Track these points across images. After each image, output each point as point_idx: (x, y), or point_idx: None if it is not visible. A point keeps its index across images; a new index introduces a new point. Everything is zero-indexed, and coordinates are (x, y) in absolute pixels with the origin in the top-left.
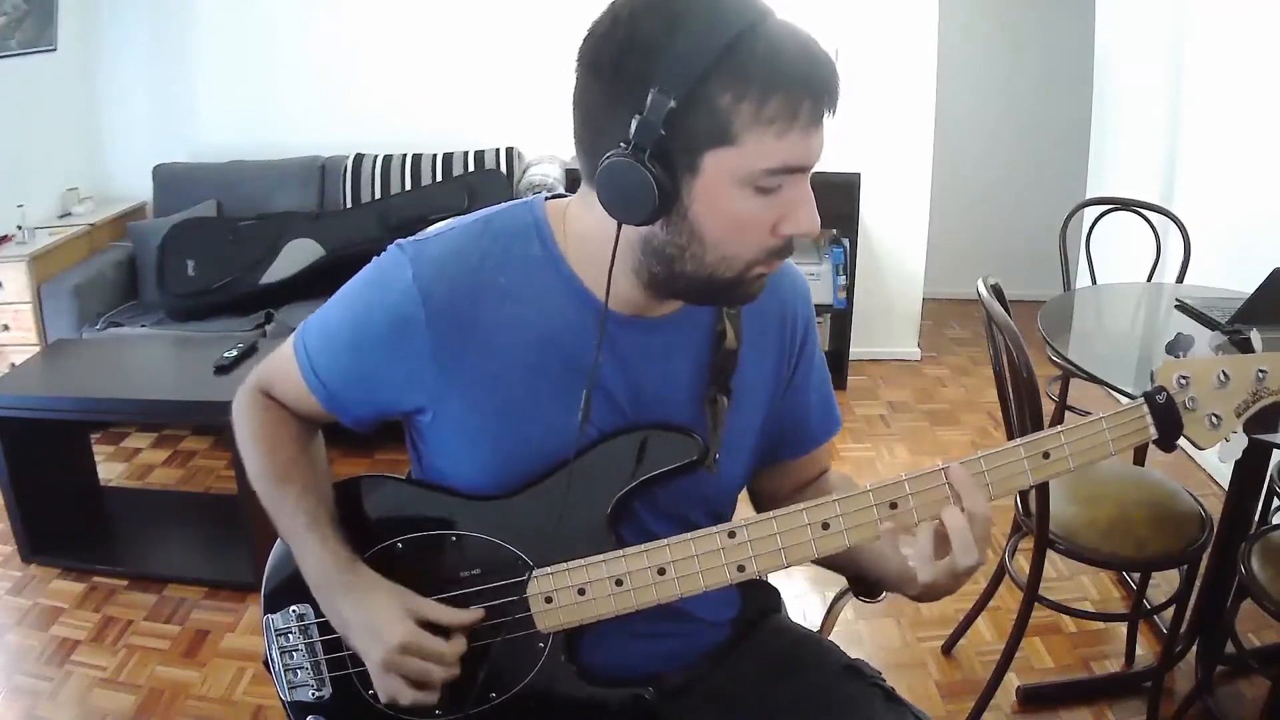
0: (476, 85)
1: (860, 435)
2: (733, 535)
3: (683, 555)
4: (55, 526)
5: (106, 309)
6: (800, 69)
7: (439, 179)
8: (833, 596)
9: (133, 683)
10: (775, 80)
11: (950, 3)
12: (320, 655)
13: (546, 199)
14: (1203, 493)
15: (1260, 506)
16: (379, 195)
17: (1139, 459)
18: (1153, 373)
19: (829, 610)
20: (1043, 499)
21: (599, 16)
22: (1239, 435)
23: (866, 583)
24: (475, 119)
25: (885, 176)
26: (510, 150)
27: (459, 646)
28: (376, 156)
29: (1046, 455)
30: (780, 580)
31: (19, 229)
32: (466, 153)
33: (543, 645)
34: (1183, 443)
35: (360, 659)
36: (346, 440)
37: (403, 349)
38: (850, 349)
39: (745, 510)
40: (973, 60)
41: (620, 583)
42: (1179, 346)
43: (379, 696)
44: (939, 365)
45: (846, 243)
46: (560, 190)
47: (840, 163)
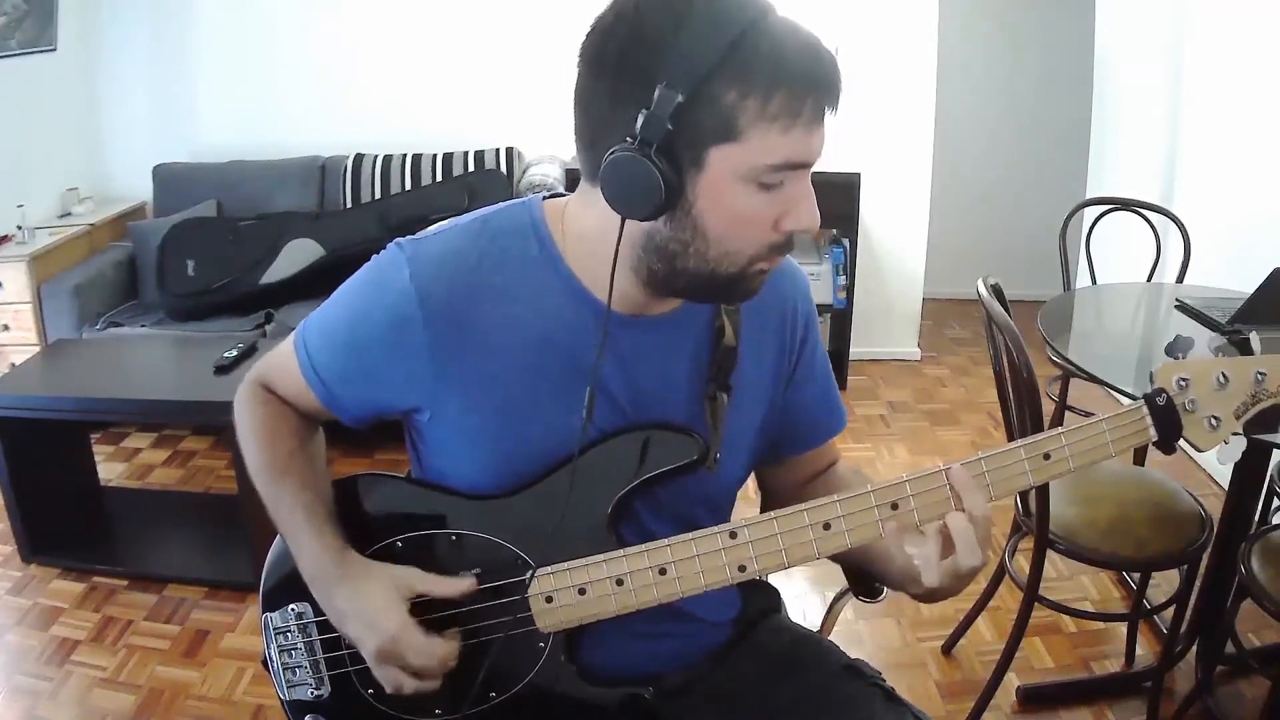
0: (476, 85)
1: (860, 435)
2: (734, 535)
3: (684, 555)
4: (55, 526)
5: (106, 309)
6: (804, 66)
7: (439, 179)
8: (833, 596)
9: (133, 683)
10: (780, 77)
11: (950, 3)
12: (319, 654)
13: (544, 198)
14: (1203, 493)
15: (1260, 506)
16: (379, 195)
17: (1139, 459)
18: (1152, 374)
19: (829, 610)
20: (1043, 499)
21: (602, 12)
22: (1238, 437)
23: (868, 581)
24: (475, 119)
25: (885, 176)
26: (510, 150)
27: (452, 641)
28: (376, 156)
29: (1047, 456)
30: (780, 580)
31: (19, 229)
32: (466, 153)
33: (543, 645)
34: (1183, 443)
35: (358, 657)
36: (346, 440)
37: (400, 349)
38: (850, 349)
39: (747, 509)
40: (973, 60)
41: (621, 582)
42: (1178, 348)
43: (384, 686)
44: (939, 365)
45: (846, 243)
46: (560, 190)
47: (840, 163)
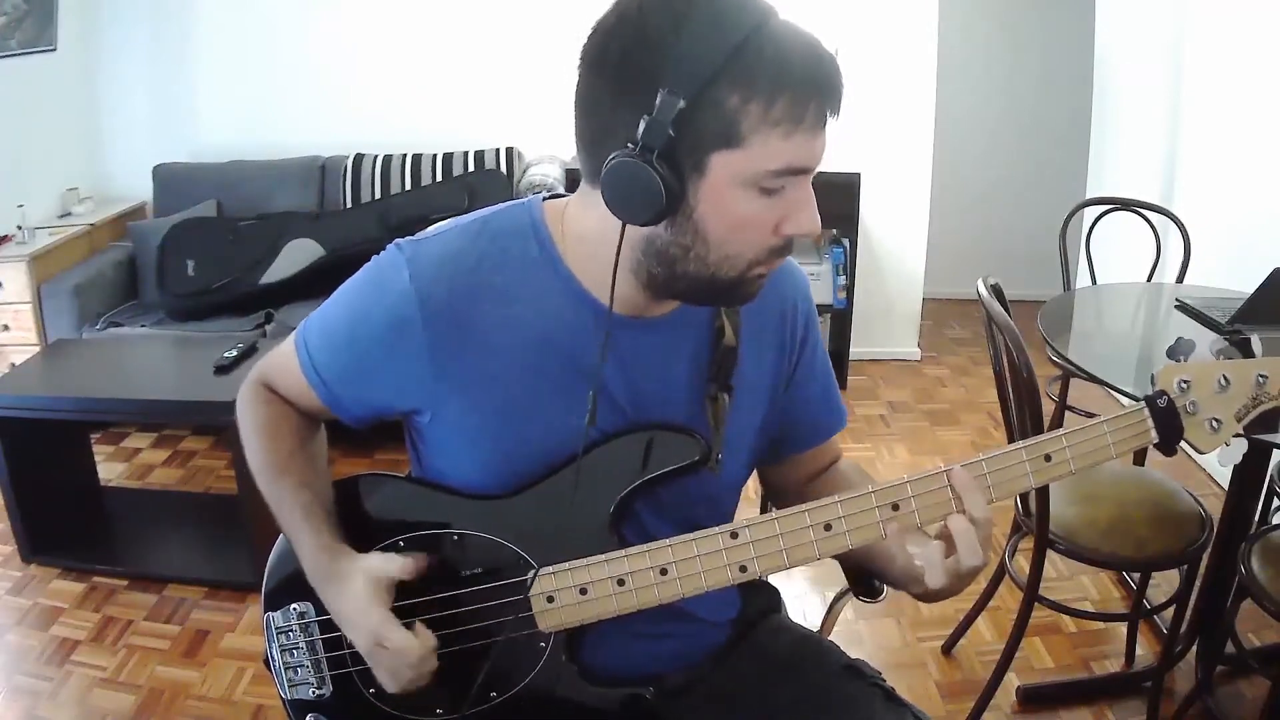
0: (476, 85)
1: (860, 435)
2: (735, 536)
3: (685, 555)
4: (55, 526)
5: (106, 309)
6: (807, 72)
7: (439, 179)
8: (833, 596)
9: (133, 683)
10: (782, 83)
11: (950, 3)
12: (320, 653)
13: (544, 199)
14: (1203, 493)
15: (1260, 506)
16: (379, 195)
17: (1139, 459)
18: (1153, 376)
19: (829, 610)
20: (1043, 499)
21: (604, 14)
22: (1239, 439)
23: (869, 580)
24: (475, 119)
25: (885, 176)
26: (510, 150)
27: (425, 641)
28: (376, 156)
29: (1048, 458)
30: (780, 580)
31: (19, 229)
32: (466, 153)
33: (544, 645)
34: (1183, 444)
35: (360, 656)
36: (346, 440)
37: (400, 350)
38: (850, 349)
39: (747, 509)
40: (973, 60)
41: (622, 582)
42: (1180, 350)
43: (386, 686)
44: (939, 365)
45: (846, 243)
46: (560, 190)
47: (840, 163)
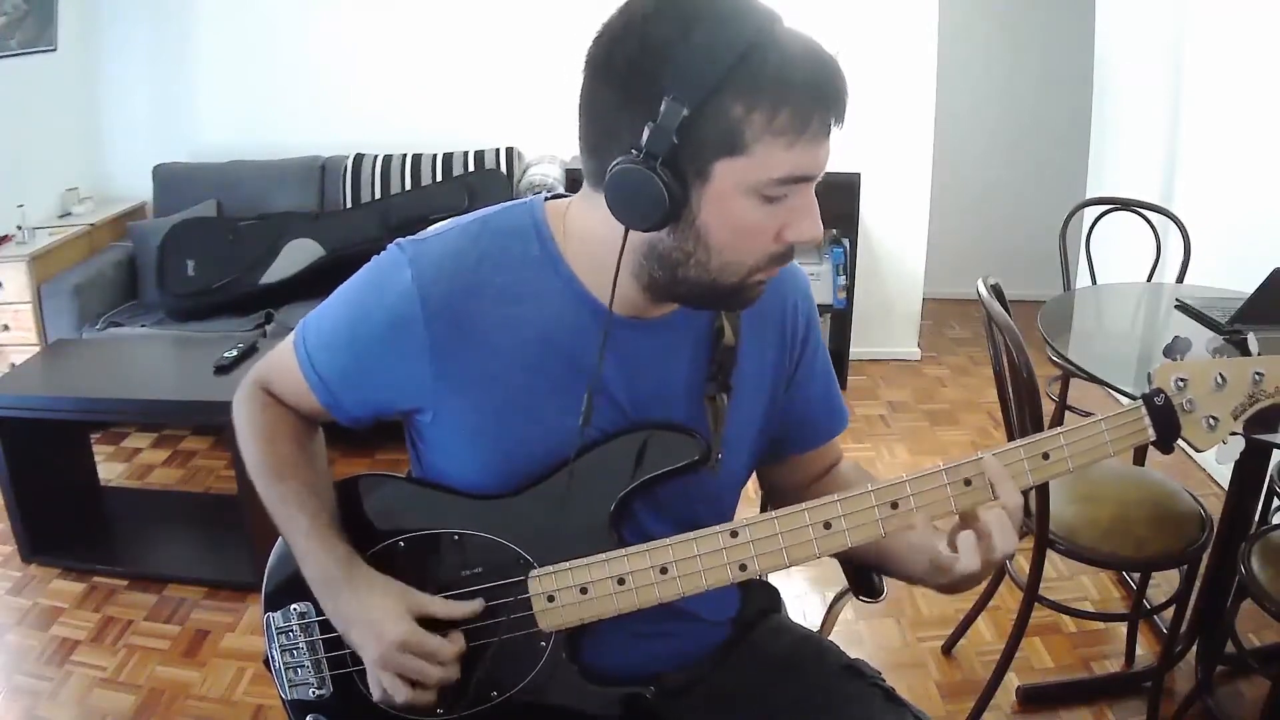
0: (476, 85)
1: (860, 435)
2: (735, 535)
3: (685, 554)
4: (55, 526)
5: (106, 309)
6: (812, 81)
7: (439, 179)
8: (833, 596)
9: (133, 683)
10: (787, 92)
11: (950, 3)
12: (321, 654)
13: (546, 199)
14: (1203, 493)
15: (1260, 506)
16: (379, 195)
17: (1139, 459)
18: (1150, 375)
19: (829, 610)
20: (1043, 499)
21: (610, 18)
22: (1236, 437)
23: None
24: (475, 119)
25: (885, 176)
26: (510, 150)
27: (457, 645)
28: (376, 156)
29: (1046, 456)
30: (780, 580)
31: (19, 229)
32: (466, 153)
33: (544, 644)
34: (1182, 443)
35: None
36: (346, 440)
37: (401, 349)
38: (850, 349)
39: (747, 509)
40: (973, 60)
41: (622, 582)
42: (1176, 349)
43: (374, 694)
44: (939, 365)
45: (846, 243)
46: (560, 190)
47: (840, 163)
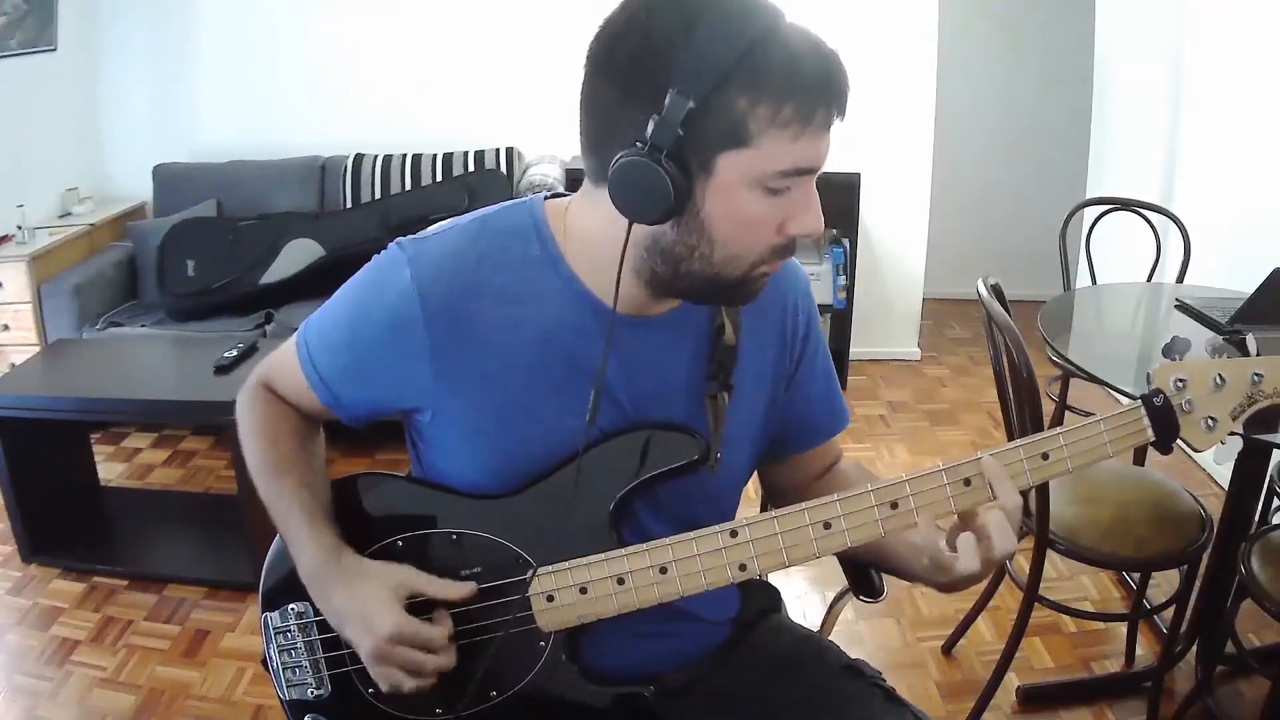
0: (476, 85)
1: (860, 435)
2: (735, 534)
3: (685, 554)
4: (55, 526)
5: (106, 309)
6: (816, 75)
7: (439, 179)
8: (833, 596)
9: (133, 683)
10: (792, 86)
11: (950, 3)
12: (319, 653)
13: (546, 199)
14: (1203, 493)
15: (1260, 506)
16: (379, 195)
17: (1139, 459)
18: (1149, 375)
19: (829, 610)
20: (1043, 499)
21: (612, 14)
22: (1234, 437)
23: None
24: (475, 119)
25: (885, 176)
26: (510, 150)
27: (446, 628)
28: (376, 156)
29: (1045, 456)
30: (780, 580)
31: (19, 229)
32: (466, 153)
33: (544, 644)
34: (1181, 444)
35: (359, 656)
36: (347, 440)
37: (401, 348)
38: (850, 349)
39: (747, 509)
40: (973, 60)
41: (622, 581)
42: (1175, 349)
43: (379, 686)
44: (939, 365)
45: (846, 243)
46: (560, 190)
47: (840, 163)
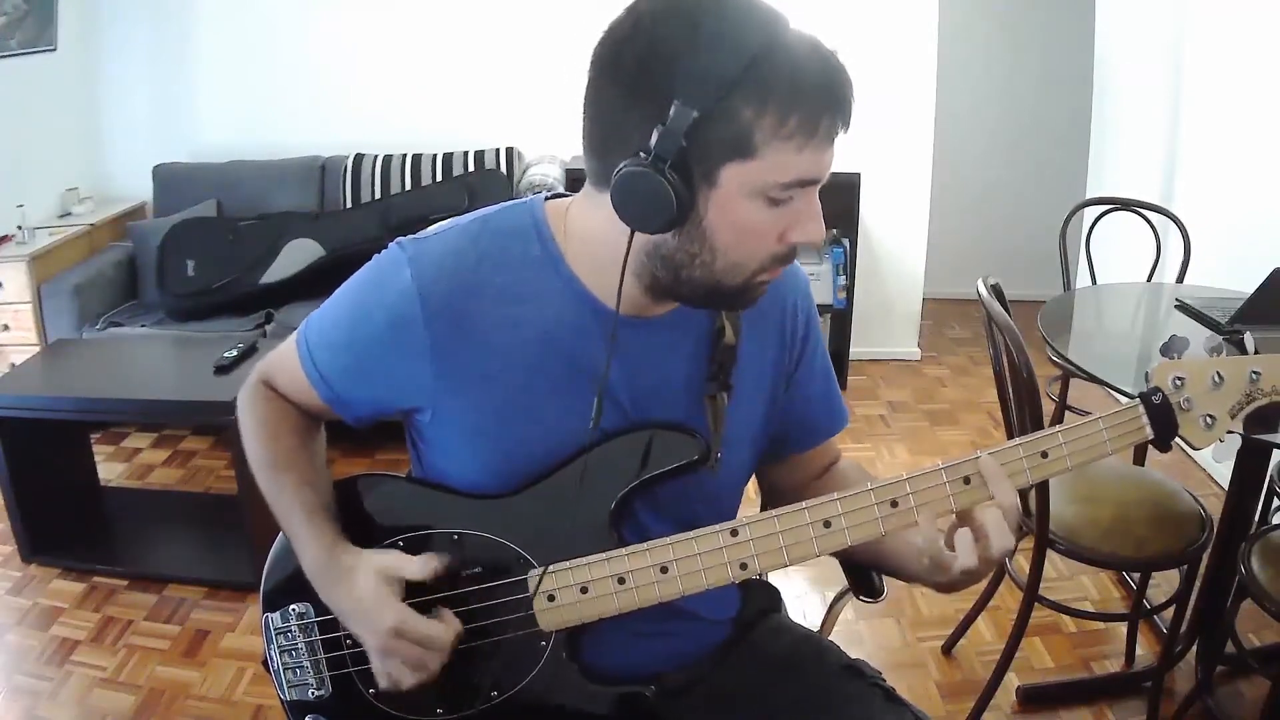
0: (476, 85)
1: (860, 435)
2: (735, 534)
3: (685, 553)
4: (55, 526)
5: (106, 309)
6: (821, 86)
7: (439, 179)
8: (833, 596)
9: (133, 683)
10: (797, 97)
11: (950, 3)
12: (319, 654)
13: (546, 199)
14: (1203, 493)
15: (1260, 506)
16: (379, 195)
17: (1139, 459)
18: (1148, 373)
19: (829, 610)
20: (1043, 499)
21: (617, 19)
22: (1233, 436)
23: (870, 580)
24: (475, 119)
25: (885, 176)
26: (510, 150)
27: (452, 626)
28: (376, 156)
29: (1045, 455)
30: (780, 580)
31: (19, 229)
32: (466, 153)
33: (544, 644)
34: (1180, 442)
35: (359, 657)
36: (347, 440)
37: (401, 348)
38: (850, 349)
39: (746, 509)
40: (973, 60)
41: (623, 581)
42: (1174, 348)
43: (380, 682)
44: (939, 365)
45: (846, 243)
46: (560, 190)
47: (840, 163)
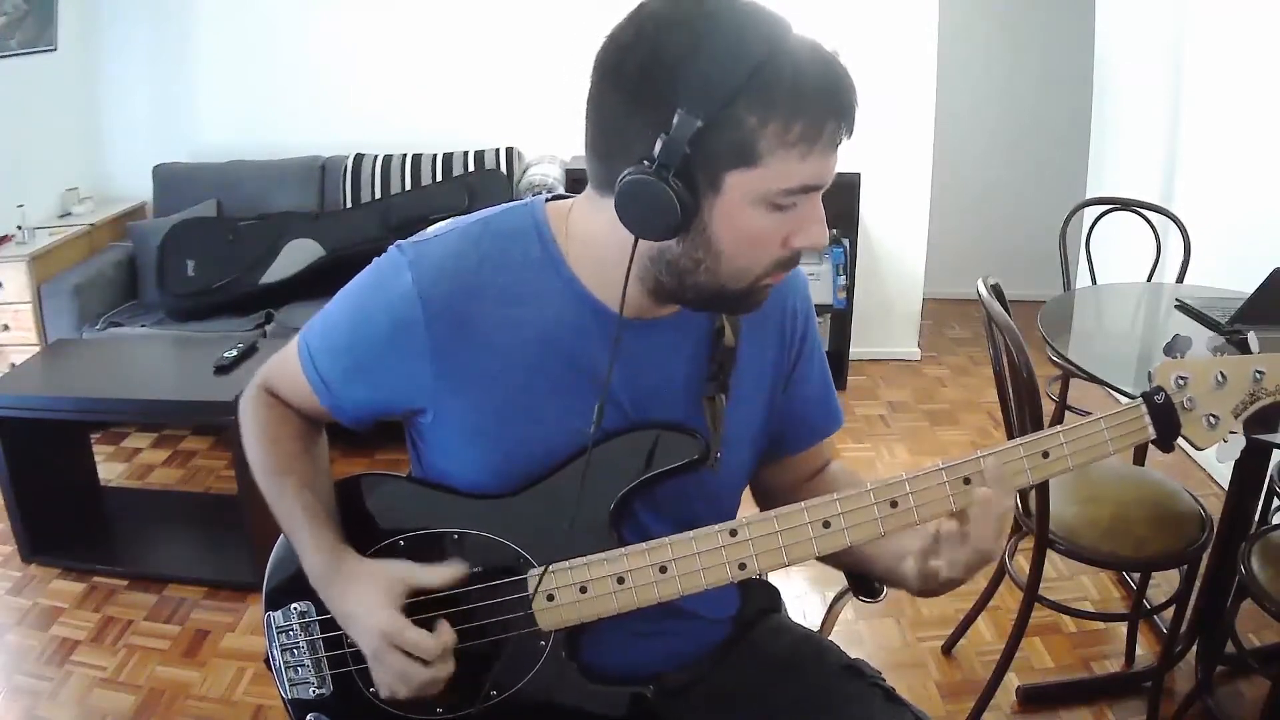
0: (476, 85)
1: (860, 435)
2: (734, 534)
3: (684, 553)
4: (55, 526)
5: (106, 309)
6: (825, 94)
7: (439, 179)
8: (833, 596)
9: (133, 683)
10: (801, 105)
11: (950, 3)
12: (321, 653)
13: (547, 200)
14: (1203, 493)
15: (1260, 506)
16: (379, 195)
17: (1139, 459)
18: (1150, 373)
19: (829, 610)
20: (1043, 499)
21: (620, 25)
22: (1237, 436)
23: (868, 581)
24: (475, 119)
25: (885, 176)
26: (510, 150)
27: (443, 638)
28: (376, 156)
29: (1046, 455)
30: (780, 580)
31: (19, 229)
32: (466, 153)
33: (544, 643)
34: (1182, 443)
35: (361, 656)
36: (347, 440)
37: (402, 350)
38: (850, 349)
39: (749, 509)
40: (973, 60)
41: (622, 580)
42: (1176, 347)
43: (380, 690)
44: (939, 365)
45: (846, 243)
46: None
47: (840, 163)
